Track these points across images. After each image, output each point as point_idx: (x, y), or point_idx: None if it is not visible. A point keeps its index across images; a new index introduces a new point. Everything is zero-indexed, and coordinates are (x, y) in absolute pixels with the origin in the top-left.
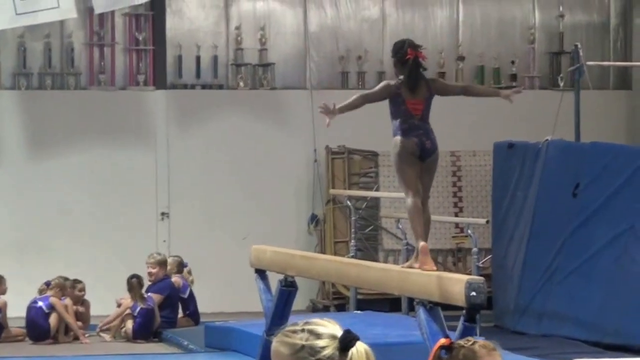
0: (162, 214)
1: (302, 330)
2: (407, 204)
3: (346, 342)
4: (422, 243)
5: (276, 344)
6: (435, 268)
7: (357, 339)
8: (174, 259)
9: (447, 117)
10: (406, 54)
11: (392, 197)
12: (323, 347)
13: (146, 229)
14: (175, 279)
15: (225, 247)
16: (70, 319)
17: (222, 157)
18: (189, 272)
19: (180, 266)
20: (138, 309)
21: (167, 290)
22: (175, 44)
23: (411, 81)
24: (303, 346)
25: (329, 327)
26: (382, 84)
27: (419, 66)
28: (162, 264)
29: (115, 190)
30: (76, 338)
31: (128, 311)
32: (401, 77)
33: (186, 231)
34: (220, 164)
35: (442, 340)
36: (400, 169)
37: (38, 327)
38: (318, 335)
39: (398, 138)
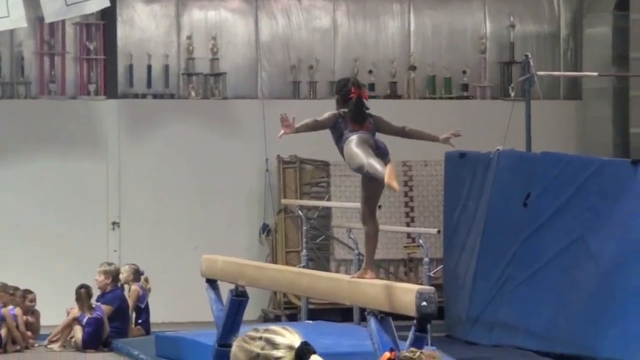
0: (113, 223)
1: (260, 338)
2: (365, 165)
3: (301, 354)
4: (388, 166)
5: (235, 348)
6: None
7: (313, 352)
8: (130, 266)
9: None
10: (349, 92)
11: (344, 207)
12: (278, 358)
13: (97, 239)
14: (135, 287)
15: (177, 257)
16: (17, 332)
17: (173, 167)
18: (147, 280)
19: (137, 274)
20: (86, 318)
21: (117, 301)
22: (126, 53)
23: (355, 117)
24: (258, 354)
25: (287, 337)
26: (328, 113)
27: (362, 104)
28: (112, 275)
29: (66, 200)
30: (26, 347)
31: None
32: (345, 109)
33: (137, 241)
34: (171, 174)
35: (387, 354)
36: (356, 151)
37: None
38: (275, 345)
39: (352, 137)
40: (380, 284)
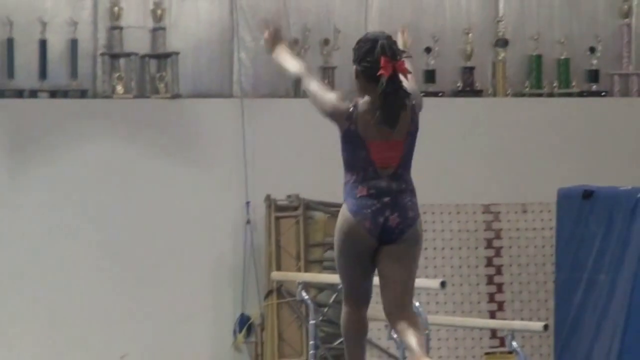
0: None
1: None
2: (342, 315)
3: None
4: None
5: None
6: None
7: None
8: None
9: (477, 146)
10: (377, 67)
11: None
12: None
13: None
14: None
15: None
16: None
17: (82, 217)
18: None
19: None
20: None
21: None
22: (3, 21)
23: (384, 114)
24: None
25: None
26: (336, 94)
27: (397, 89)
28: None
29: None
30: None
31: None
32: (365, 98)
33: (18, 349)
34: (76, 229)
35: None
36: (338, 264)
37: None
38: None
39: (344, 211)
40: None
